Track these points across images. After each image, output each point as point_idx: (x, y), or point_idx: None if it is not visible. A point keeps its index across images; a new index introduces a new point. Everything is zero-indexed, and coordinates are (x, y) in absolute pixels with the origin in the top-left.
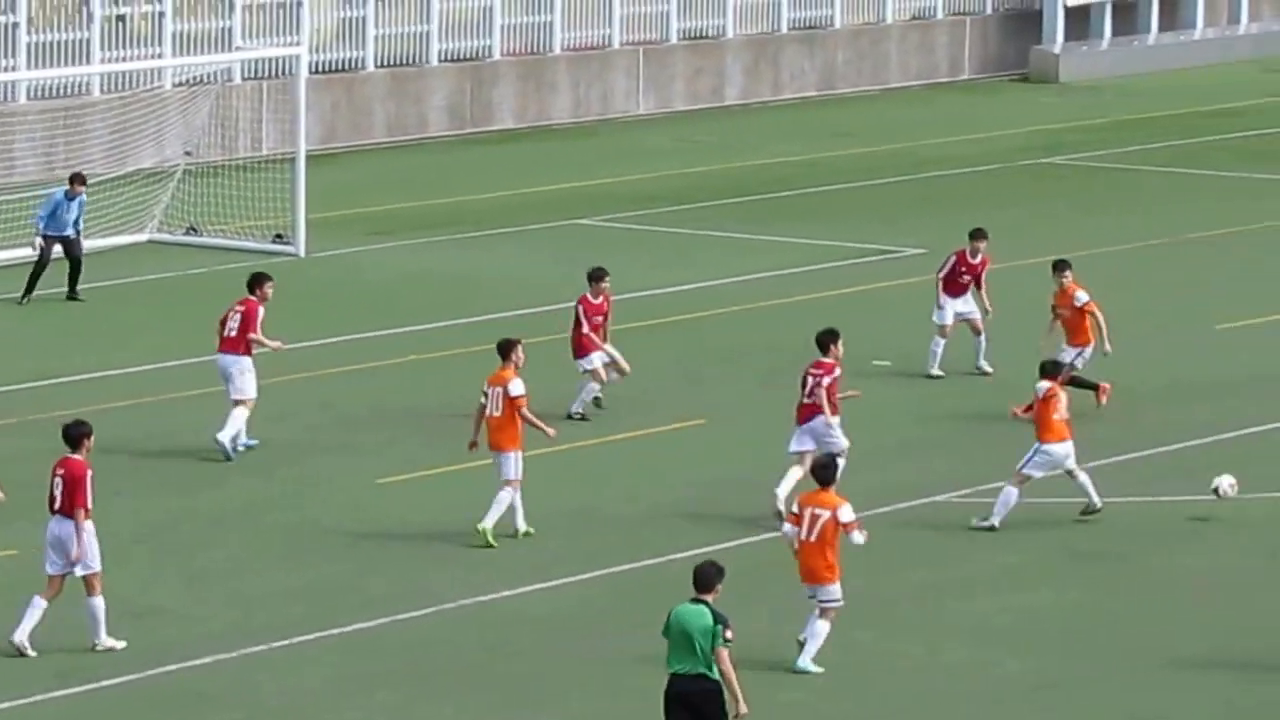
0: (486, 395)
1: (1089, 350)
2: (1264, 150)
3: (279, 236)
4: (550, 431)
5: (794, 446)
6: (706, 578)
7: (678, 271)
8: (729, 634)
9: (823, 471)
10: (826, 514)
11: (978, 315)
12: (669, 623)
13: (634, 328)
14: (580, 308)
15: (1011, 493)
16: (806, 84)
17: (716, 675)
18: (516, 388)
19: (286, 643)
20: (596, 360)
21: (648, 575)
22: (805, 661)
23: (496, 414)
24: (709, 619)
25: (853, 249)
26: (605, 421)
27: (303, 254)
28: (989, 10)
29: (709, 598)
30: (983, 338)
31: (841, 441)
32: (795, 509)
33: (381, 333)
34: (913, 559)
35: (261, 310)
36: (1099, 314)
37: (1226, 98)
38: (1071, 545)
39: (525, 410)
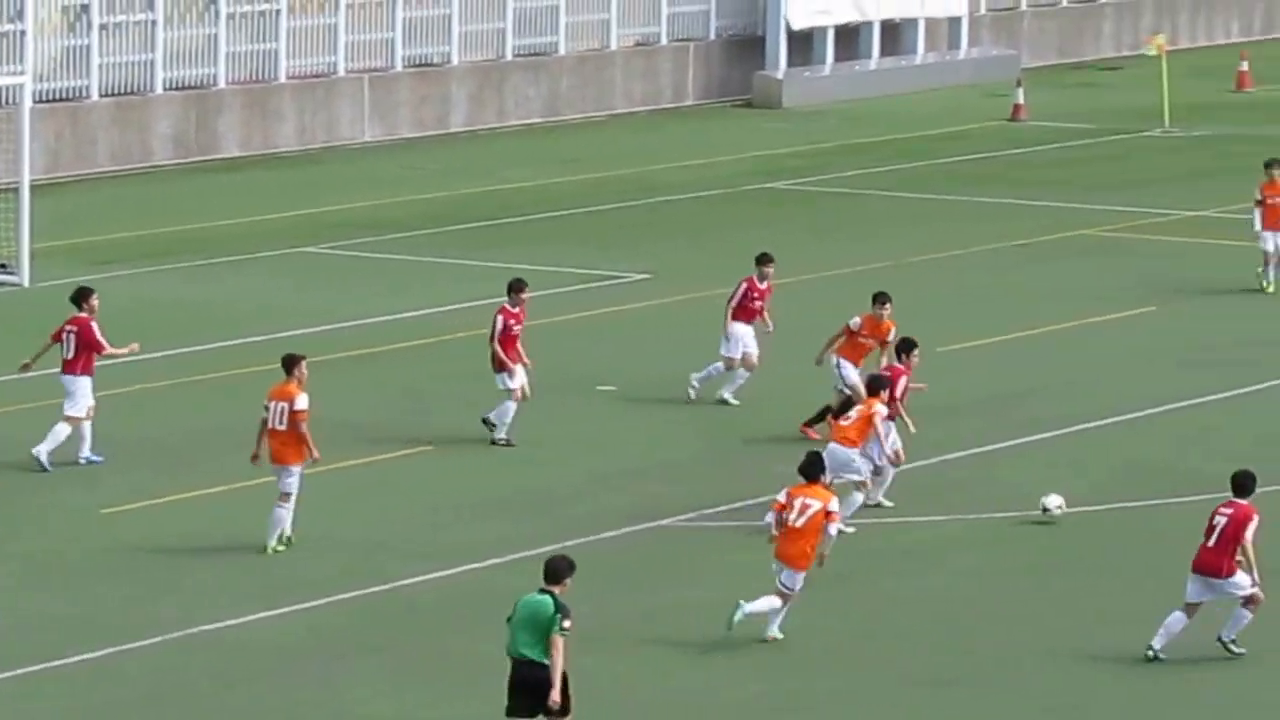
0: (269, 409)
1: None
2: (985, 174)
3: (2, 266)
4: (316, 454)
5: None
6: (556, 570)
7: (406, 298)
8: (567, 624)
9: (809, 467)
10: (818, 505)
11: (755, 351)
12: (515, 610)
13: (362, 354)
14: (501, 317)
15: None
16: (532, 110)
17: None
18: (301, 402)
19: (13, 674)
20: (520, 376)
21: (375, 601)
22: (773, 629)
23: (280, 428)
24: (551, 608)
25: (580, 274)
26: (331, 449)
27: (27, 284)
28: (712, 36)
29: (556, 589)
30: (749, 374)
31: (895, 442)
32: (784, 498)
33: (108, 362)
34: (645, 582)
35: (95, 324)
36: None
37: (948, 122)
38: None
39: (303, 426)
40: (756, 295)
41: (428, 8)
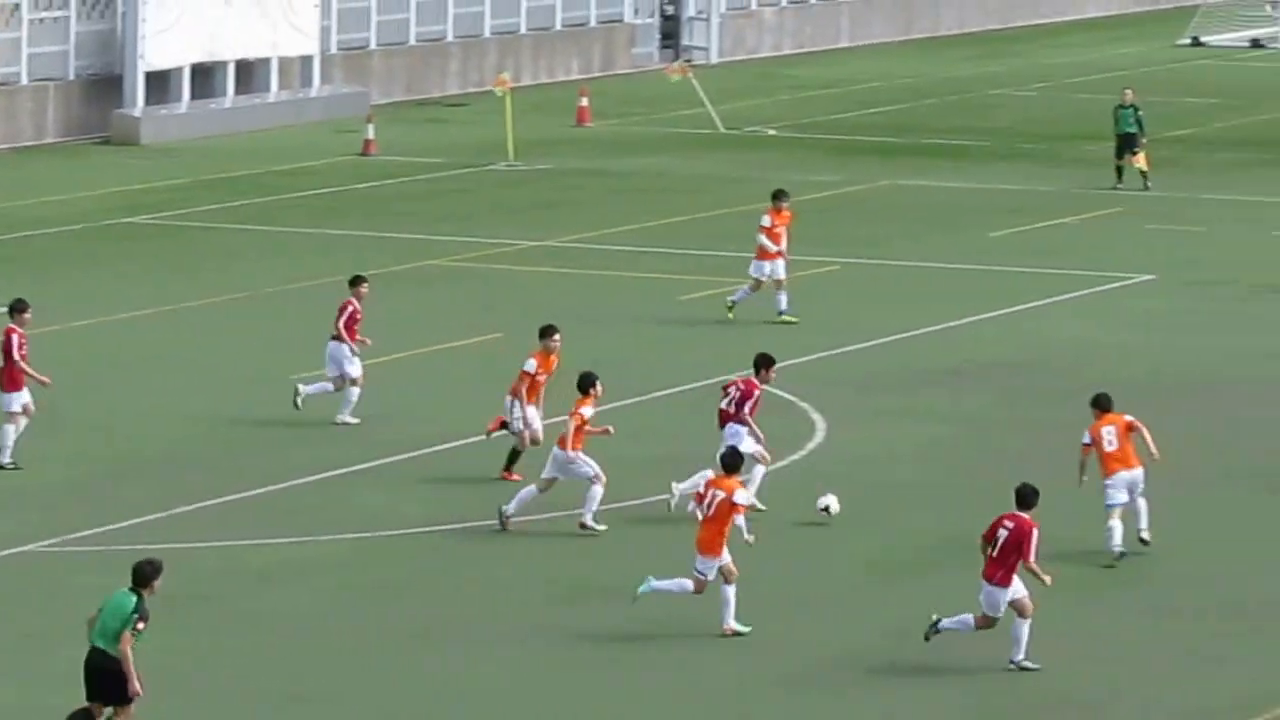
0: None
1: None
2: (337, 207)
3: None
4: None
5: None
6: (143, 574)
7: None
8: (140, 625)
9: (728, 459)
10: (722, 495)
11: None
12: (104, 603)
13: None
14: (15, 337)
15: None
16: None
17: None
18: None
19: None
20: (20, 400)
21: None
22: (731, 621)
23: None
24: (130, 607)
25: None
26: None
27: None
28: (71, 76)
29: (144, 591)
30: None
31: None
32: (703, 488)
33: None
34: (13, 606)
35: None
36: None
37: (300, 157)
38: (160, 589)
39: None
40: (358, 317)
41: None
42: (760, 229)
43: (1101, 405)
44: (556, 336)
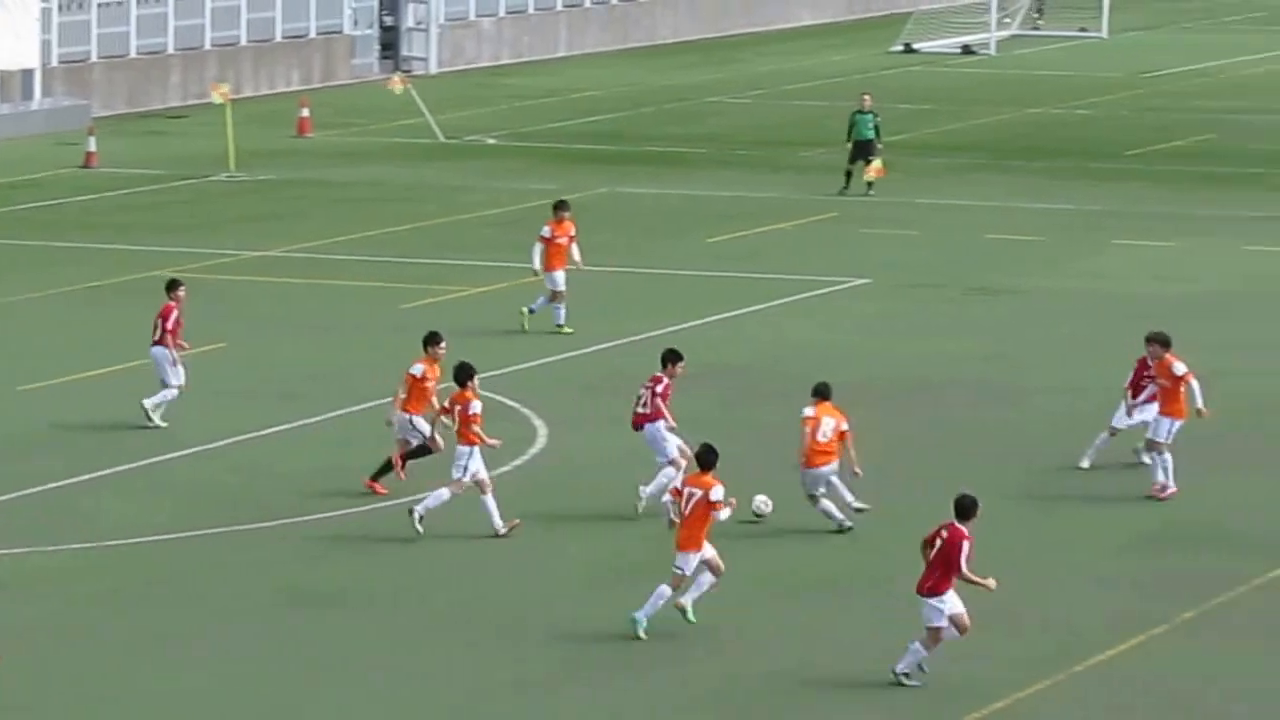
0: None
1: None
2: (57, 220)
3: None
4: None
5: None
6: None
7: None
8: None
9: (702, 457)
10: (699, 494)
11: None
12: None
13: None
14: None
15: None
16: None
17: None
18: None
19: None
20: None
21: None
22: (688, 600)
23: None
24: None
25: None
26: None
27: None
28: None
29: None
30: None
31: (671, 449)
32: (680, 484)
33: None
34: None
35: None
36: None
37: (21, 170)
38: None
39: None
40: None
41: None
42: (539, 239)
43: (821, 394)
44: (443, 344)
